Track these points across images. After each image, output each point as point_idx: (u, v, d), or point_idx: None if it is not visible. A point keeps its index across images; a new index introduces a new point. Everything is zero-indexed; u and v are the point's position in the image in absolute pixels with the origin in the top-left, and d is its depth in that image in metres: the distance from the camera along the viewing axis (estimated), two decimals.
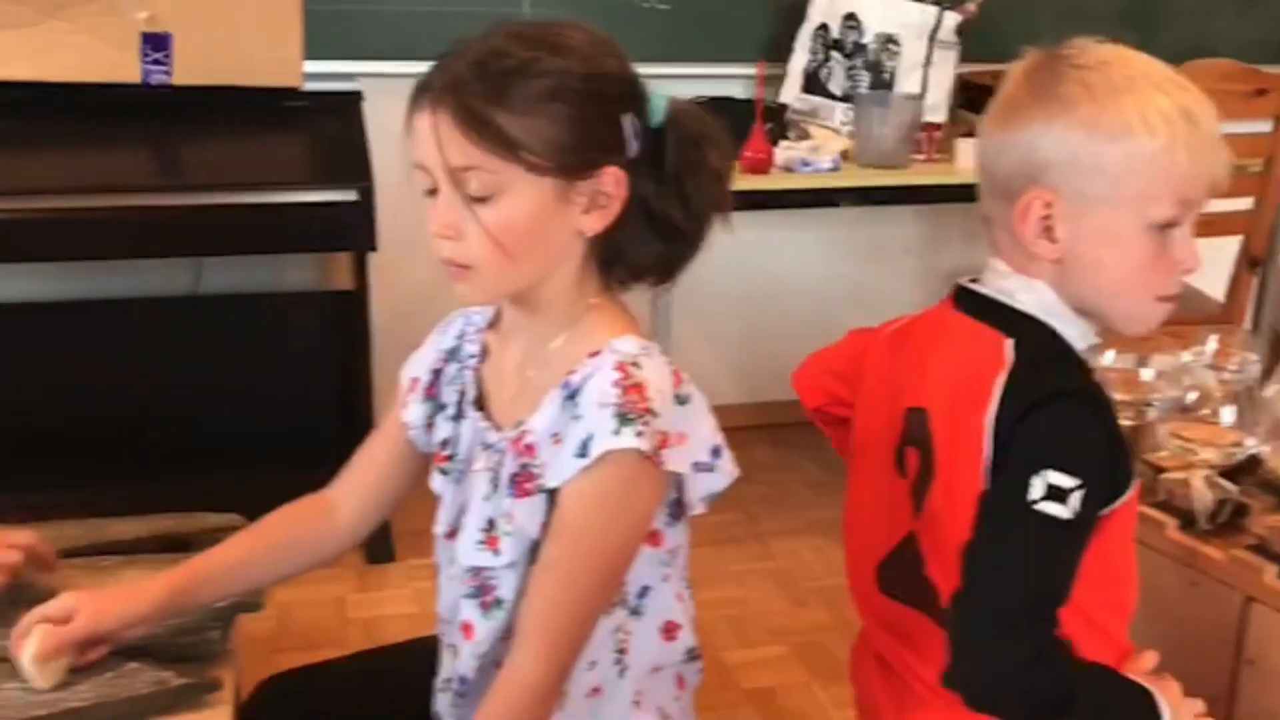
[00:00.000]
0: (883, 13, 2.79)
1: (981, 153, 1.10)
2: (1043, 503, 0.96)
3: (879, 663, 1.18)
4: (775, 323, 3.22)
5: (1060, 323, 1.06)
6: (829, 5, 2.87)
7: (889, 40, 2.80)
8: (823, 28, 2.89)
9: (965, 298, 1.12)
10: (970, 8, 2.79)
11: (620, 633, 1.08)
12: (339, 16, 2.66)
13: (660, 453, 0.98)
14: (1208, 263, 1.16)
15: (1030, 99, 1.04)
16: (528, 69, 0.98)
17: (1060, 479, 0.96)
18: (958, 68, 2.82)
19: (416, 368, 1.20)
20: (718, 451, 1.05)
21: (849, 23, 2.84)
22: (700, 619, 1.16)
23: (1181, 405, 1.60)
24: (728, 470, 1.05)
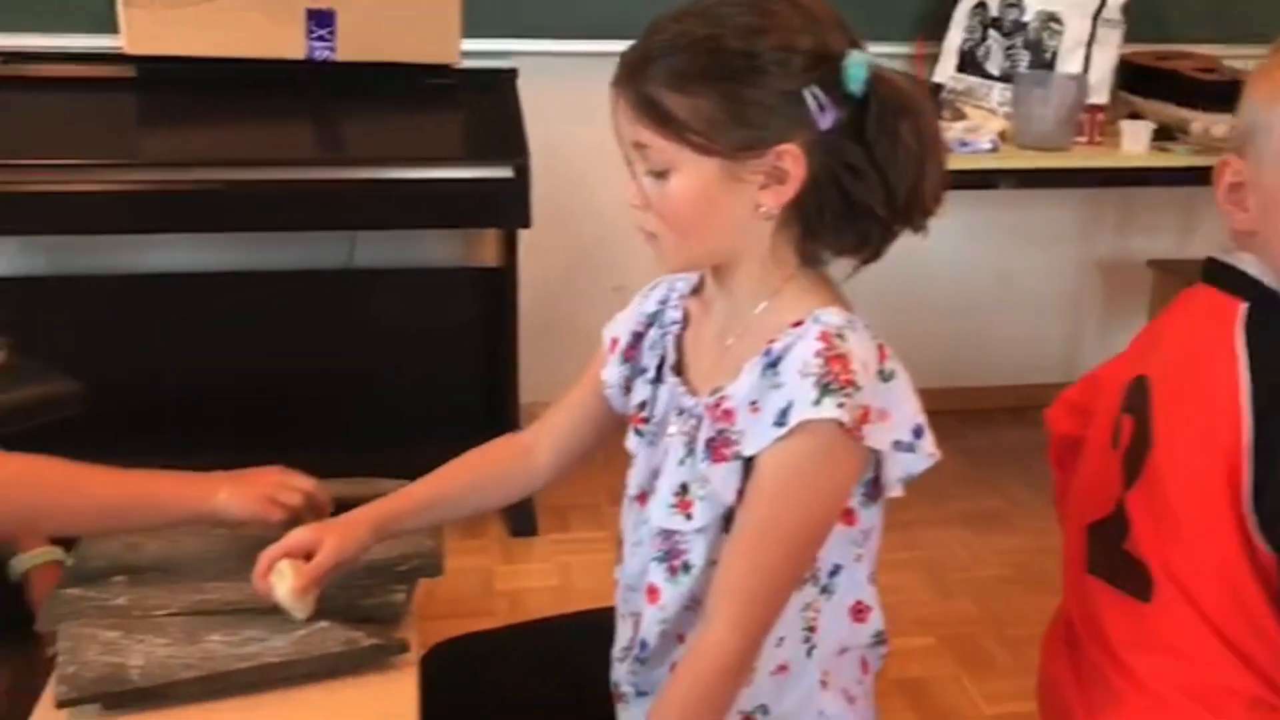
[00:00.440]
0: None
1: None
2: None
3: (1069, 650, 1.15)
4: (916, 308, 3.15)
5: None
6: None
7: (1051, 18, 2.71)
8: (980, 5, 2.81)
9: (1208, 267, 1.09)
10: None
11: (810, 610, 1.07)
12: None
13: (861, 427, 0.96)
14: None
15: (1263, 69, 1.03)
16: (695, 48, 0.97)
17: None
18: (1121, 48, 2.72)
19: (617, 329, 1.20)
20: (919, 432, 1.02)
21: (1009, 1, 2.76)
22: None
23: None
24: (928, 452, 1.03)
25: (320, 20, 2.42)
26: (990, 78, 2.78)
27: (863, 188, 1.00)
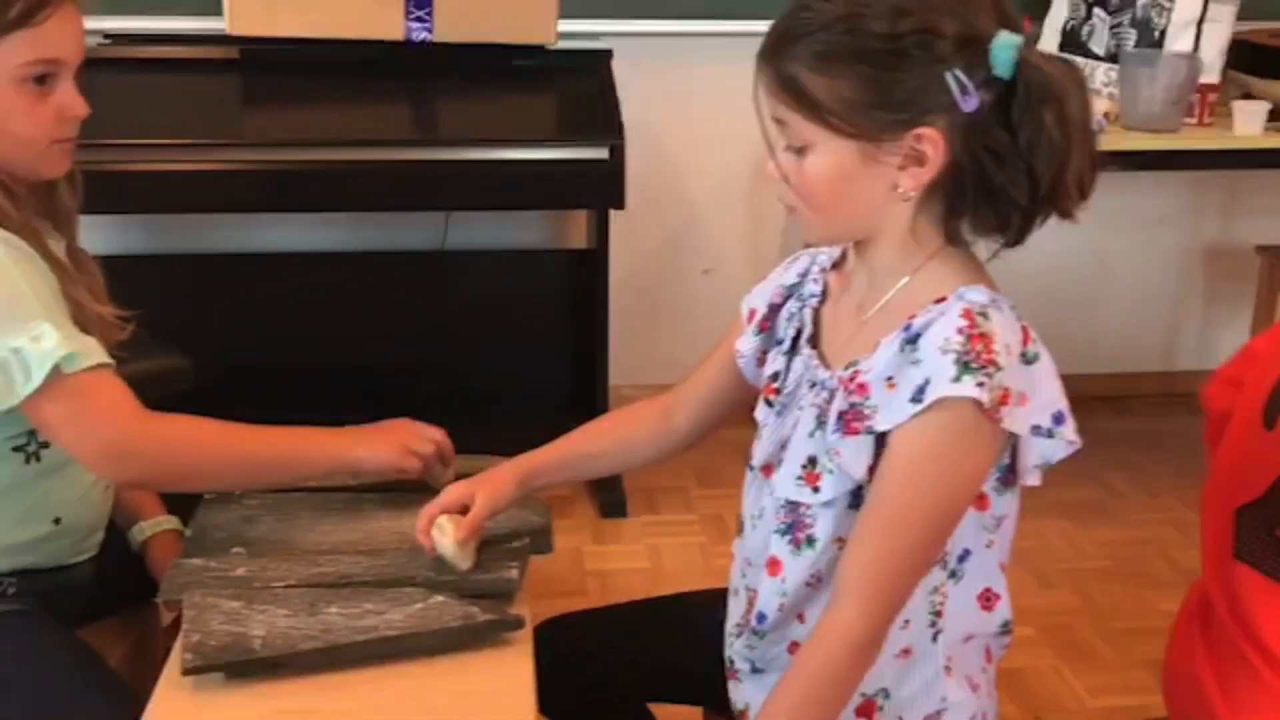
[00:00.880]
0: None
1: None
2: None
3: (1207, 637, 1.12)
4: (1012, 293, 3.04)
5: None
6: None
7: None
8: None
9: None
10: None
11: (937, 594, 1.05)
12: None
13: (999, 409, 0.94)
14: None
15: None
16: (837, 28, 0.95)
17: None
18: (1234, 25, 2.63)
19: (755, 300, 1.20)
20: (1060, 418, 0.99)
21: None
22: None
23: None
24: (1069, 439, 1.00)
25: (418, 1, 2.43)
26: (1095, 57, 2.70)
27: (1004, 174, 0.97)
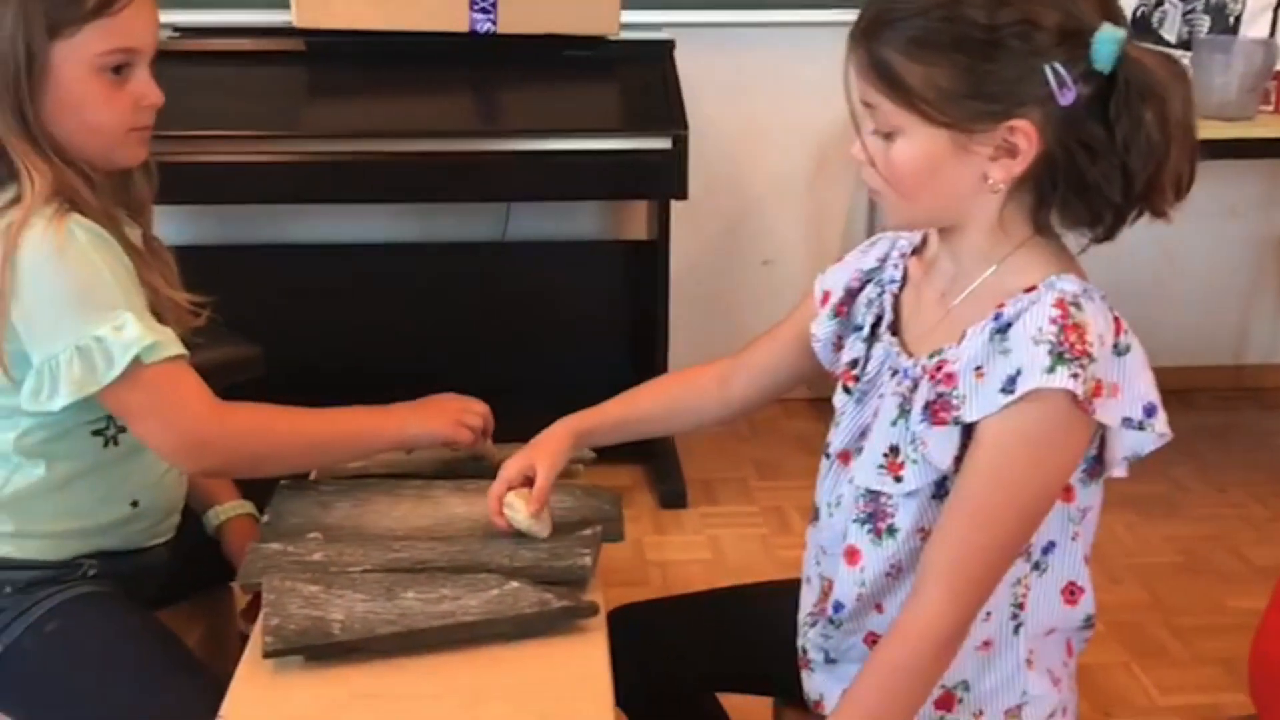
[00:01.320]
0: None
1: None
2: None
3: None
4: None
5: None
6: None
7: None
8: None
9: None
10: None
11: (1020, 586, 1.03)
12: None
13: (1092, 401, 0.92)
14: None
15: None
16: (934, 15, 0.94)
17: None
18: None
19: (830, 282, 1.18)
20: (1152, 410, 0.98)
21: None
22: None
23: None
24: (1160, 431, 0.98)
25: None
26: (1166, 44, 2.66)
27: (1098, 169, 0.95)
